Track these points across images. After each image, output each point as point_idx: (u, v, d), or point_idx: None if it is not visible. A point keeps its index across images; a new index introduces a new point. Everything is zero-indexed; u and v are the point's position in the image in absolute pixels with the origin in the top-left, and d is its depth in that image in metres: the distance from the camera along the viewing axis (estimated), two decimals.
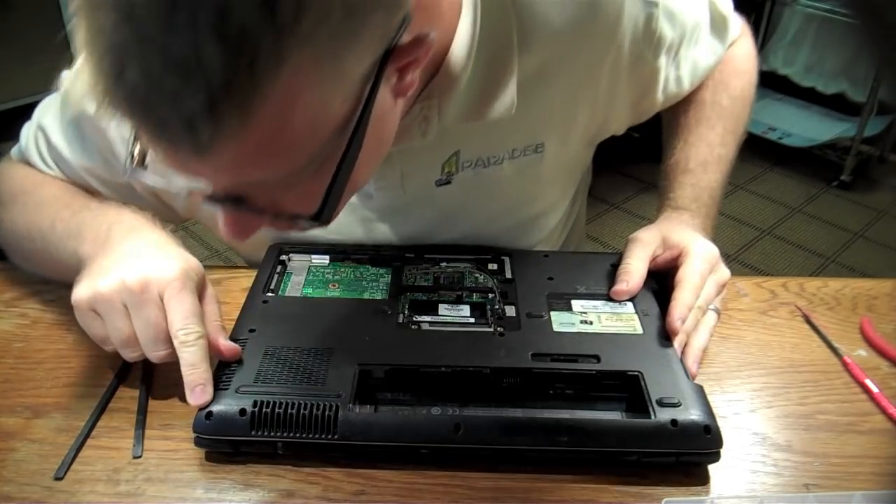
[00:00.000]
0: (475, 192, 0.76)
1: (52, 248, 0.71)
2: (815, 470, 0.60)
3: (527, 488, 0.58)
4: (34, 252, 0.75)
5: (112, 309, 0.60)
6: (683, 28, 0.79)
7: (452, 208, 0.77)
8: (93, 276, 0.62)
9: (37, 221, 0.73)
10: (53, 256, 0.71)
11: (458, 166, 0.74)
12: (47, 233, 0.71)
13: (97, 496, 0.56)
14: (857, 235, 2.45)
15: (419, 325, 0.67)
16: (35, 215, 0.74)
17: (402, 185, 0.74)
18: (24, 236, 0.75)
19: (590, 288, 0.72)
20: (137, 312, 0.60)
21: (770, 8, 2.91)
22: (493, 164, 0.74)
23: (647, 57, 0.76)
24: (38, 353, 0.70)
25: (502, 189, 0.77)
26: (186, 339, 0.59)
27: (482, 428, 0.57)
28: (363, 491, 0.57)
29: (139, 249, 0.64)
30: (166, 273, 0.61)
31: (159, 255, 0.63)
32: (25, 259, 0.78)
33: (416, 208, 0.76)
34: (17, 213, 0.76)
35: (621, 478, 0.58)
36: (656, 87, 0.81)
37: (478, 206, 0.77)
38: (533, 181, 0.78)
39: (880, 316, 0.78)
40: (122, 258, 0.63)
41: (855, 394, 0.68)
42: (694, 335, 0.69)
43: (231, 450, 0.58)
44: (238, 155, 0.46)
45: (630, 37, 0.73)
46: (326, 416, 0.57)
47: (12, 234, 0.77)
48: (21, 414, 0.63)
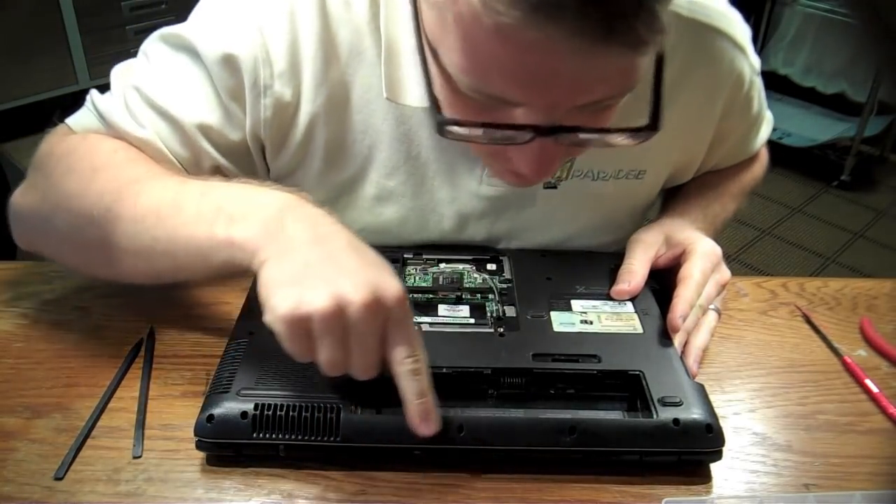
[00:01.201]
0: (575, 202, 0.77)
1: (162, 230, 0.59)
2: (815, 470, 0.60)
3: (527, 488, 0.58)
4: (99, 238, 0.62)
5: (330, 333, 0.52)
6: (760, 108, 0.84)
7: (550, 213, 0.78)
8: (296, 285, 0.52)
9: (130, 200, 0.61)
10: (168, 240, 0.59)
11: (569, 173, 0.75)
12: (162, 214, 0.60)
13: (97, 496, 0.56)
14: (857, 235, 2.45)
15: (419, 325, 0.67)
16: (128, 194, 0.62)
17: None
18: (86, 217, 0.63)
19: (590, 288, 0.72)
20: (360, 339, 0.52)
21: (770, 8, 2.91)
22: (599, 179, 0.76)
23: (733, 119, 0.80)
24: (38, 353, 0.70)
25: (600, 205, 0.78)
26: (416, 366, 0.53)
27: (484, 429, 0.57)
28: (363, 491, 0.57)
29: (338, 254, 0.54)
30: (390, 292, 0.52)
31: (367, 264, 0.54)
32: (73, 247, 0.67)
33: (517, 205, 0.77)
34: (78, 187, 0.64)
35: (621, 477, 0.58)
36: (718, 150, 0.84)
37: (573, 216, 0.79)
38: (626, 205, 0.81)
39: (880, 316, 0.78)
40: (323, 265, 0.53)
41: (855, 394, 0.68)
42: (694, 334, 0.69)
43: (233, 453, 0.58)
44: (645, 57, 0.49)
45: (733, 92, 0.77)
46: (328, 419, 0.57)
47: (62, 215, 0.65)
48: (21, 414, 0.63)
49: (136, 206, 0.61)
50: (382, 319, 0.52)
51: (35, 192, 0.68)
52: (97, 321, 0.73)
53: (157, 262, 0.61)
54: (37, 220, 0.69)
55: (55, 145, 0.69)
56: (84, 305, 0.75)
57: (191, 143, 0.69)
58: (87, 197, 0.63)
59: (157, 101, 0.68)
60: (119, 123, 0.68)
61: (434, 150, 0.72)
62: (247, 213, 0.56)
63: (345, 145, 0.72)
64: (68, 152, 0.68)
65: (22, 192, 0.70)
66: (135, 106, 0.68)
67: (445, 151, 0.72)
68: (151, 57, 0.70)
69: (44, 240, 0.69)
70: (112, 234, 0.61)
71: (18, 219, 0.71)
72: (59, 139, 0.70)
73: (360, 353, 0.53)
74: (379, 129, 0.71)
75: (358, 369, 0.54)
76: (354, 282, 0.52)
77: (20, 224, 0.71)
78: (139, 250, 0.61)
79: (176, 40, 0.69)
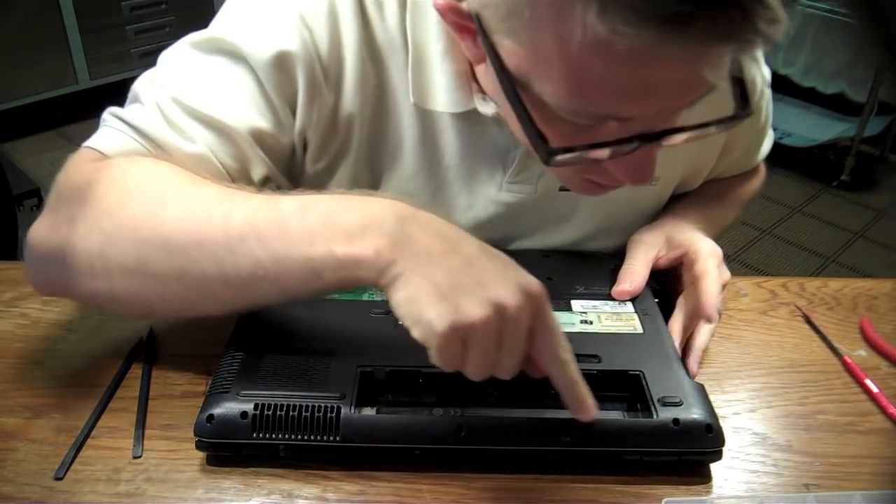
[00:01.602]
0: (587, 206, 0.77)
1: (267, 250, 0.54)
2: (815, 470, 0.60)
3: (527, 488, 0.58)
4: (179, 268, 0.56)
5: (487, 340, 0.51)
6: (767, 120, 0.84)
7: (564, 216, 0.78)
8: (448, 298, 0.50)
9: (217, 221, 0.55)
10: (275, 261, 0.54)
11: None
12: (263, 234, 0.54)
13: (97, 496, 0.56)
14: (857, 235, 2.45)
15: None
16: (213, 215, 0.55)
17: (537, 182, 0.73)
18: (160, 246, 0.56)
19: (590, 288, 0.72)
20: (513, 340, 0.52)
21: None
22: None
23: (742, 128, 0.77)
24: (38, 353, 0.70)
25: (611, 209, 0.78)
26: (566, 356, 0.54)
27: (484, 429, 0.57)
28: (363, 491, 0.57)
29: (476, 260, 0.53)
30: (534, 289, 0.52)
31: (505, 265, 0.53)
32: (137, 282, 0.58)
33: (533, 210, 0.76)
34: (146, 213, 0.57)
35: (621, 477, 0.58)
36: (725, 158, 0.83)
37: (585, 219, 0.78)
38: (636, 210, 0.81)
39: (880, 316, 0.78)
40: (466, 273, 0.52)
41: (855, 394, 0.68)
42: (695, 335, 0.69)
43: (233, 453, 0.58)
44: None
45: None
46: (328, 419, 0.57)
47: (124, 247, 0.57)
48: (21, 414, 0.63)
49: (227, 228, 0.54)
50: (532, 317, 0.52)
51: (72, 227, 0.59)
52: (97, 321, 0.73)
53: (256, 288, 0.55)
54: (78, 258, 0.58)
55: (92, 172, 0.60)
56: (84, 305, 0.75)
57: (242, 154, 0.65)
58: (160, 223, 0.56)
59: (202, 111, 0.63)
60: (166, 140, 0.62)
61: (456, 156, 0.72)
62: (364, 226, 0.52)
63: (374, 149, 0.72)
64: (118, 177, 0.60)
65: (47, 228, 0.60)
66: (177, 119, 0.63)
67: (468, 158, 0.72)
68: (183, 65, 0.66)
69: (86, 280, 0.59)
70: (198, 260, 0.55)
71: (45, 259, 0.61)
72: (93, 165, 0.61)
73: (510, 354, 0.52)
74: (405, 133, 0.71)
75: (506, 370, 0.53)
76: (503, 286, 0.51)
77: (46, 264, 0.61)
78: (234, 277, 0.55)
79: (212, 45, 0.65)
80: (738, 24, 0.44)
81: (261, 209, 0.55)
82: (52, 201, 0.62)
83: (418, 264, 0.51)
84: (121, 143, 0.63)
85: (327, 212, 0.54)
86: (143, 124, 0.63)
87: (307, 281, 0.54)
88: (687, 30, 0.44)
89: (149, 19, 2.90)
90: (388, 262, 0.51)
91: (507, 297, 0.51)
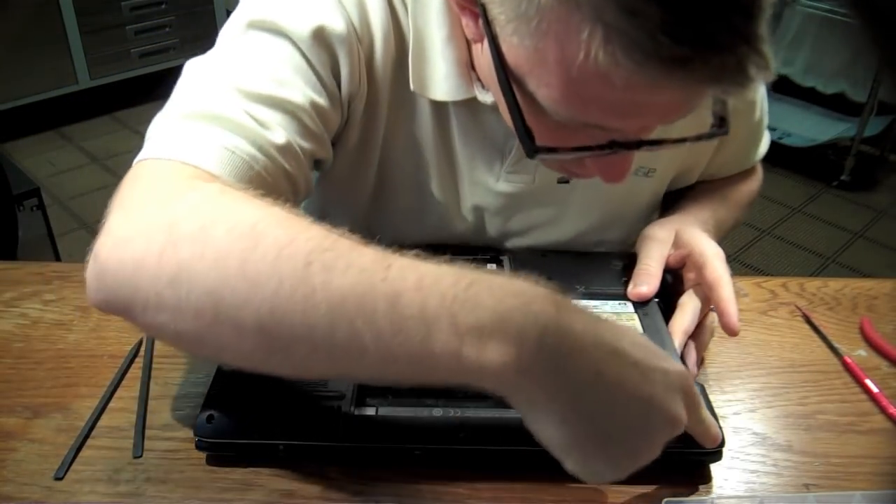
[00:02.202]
0: (587, 198, 0.78)
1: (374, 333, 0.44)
2: (815, 470, 0.60)
3: (527, 488, 0.58)
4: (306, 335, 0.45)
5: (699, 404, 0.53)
6: (762, 116, 0.83)
7: (563, 209, 0.79)
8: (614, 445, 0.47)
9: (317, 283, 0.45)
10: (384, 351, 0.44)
11: None
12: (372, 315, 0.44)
13: (97, 496, 0.56)
14: (857, 235, 2.45)
15: None
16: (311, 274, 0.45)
17: (534, 173, 0.75)
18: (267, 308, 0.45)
19: (590, 288, 0.72)
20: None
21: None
22: None
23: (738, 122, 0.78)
24: (38, 353, 0.70)
25: (610, 201, 0.79)
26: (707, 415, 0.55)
27: (484, 429, 0.57)
28: (363, 491, 0.57)
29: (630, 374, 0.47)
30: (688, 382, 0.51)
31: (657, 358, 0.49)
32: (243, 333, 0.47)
33: (532, 202, 0.77)
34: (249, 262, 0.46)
35: None
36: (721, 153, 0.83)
37: (585, 212, 0.79)
38: (634, 202, 0.81)
39: (880, 316, 0.78)
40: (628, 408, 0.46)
41: (855, 394, 0.68)
42: (696, 335, 0.69)
43: (233, 453, 0.58)
44: None
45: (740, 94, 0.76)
46: (328, 419, 0.57)
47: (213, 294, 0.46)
48: (21, 414, 0.63)
49: (329, 298, 0.44)
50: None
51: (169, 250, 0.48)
52: (97, 321, 0.73)
53: (354, 364, 0.46)
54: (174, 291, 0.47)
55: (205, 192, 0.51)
56: (84, 305, 0.75)
57: (309, 131, 0.62)
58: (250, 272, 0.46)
59: (267, 93, 0.59)
60: (257, 136, 0.57)
61: (460, 141, 0.73)
62: (500, 320, 0.44)
63: (393, 139, 0.72)
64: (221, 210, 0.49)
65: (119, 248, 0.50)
66: (252, 108, 0.58)
67: (467, 148, 0.73)
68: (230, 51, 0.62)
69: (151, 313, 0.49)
70: (290, 327, 0.45)
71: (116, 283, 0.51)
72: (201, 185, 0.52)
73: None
74: (421, 123, 0.71)
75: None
76: (663, 401, 0.47)
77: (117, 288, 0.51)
78: (329, 350, 0.46)
79: (252, 25, 0.62)
80: (731, 70, 0.46)
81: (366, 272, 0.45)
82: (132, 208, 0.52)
83: (566, 397, 0.45)
84: (221, 159, 0.55)
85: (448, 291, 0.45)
86: (231, 117, 0.57)
87: (425, 375, 0.45)
88: (683, 70, 0.45)
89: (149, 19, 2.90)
90: (523, 377, 0.44)
91: (671, 417, 0.48)
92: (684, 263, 0.73)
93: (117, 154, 2.70)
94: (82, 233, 2.34)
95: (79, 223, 2.39)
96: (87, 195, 2.51)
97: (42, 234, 1.79)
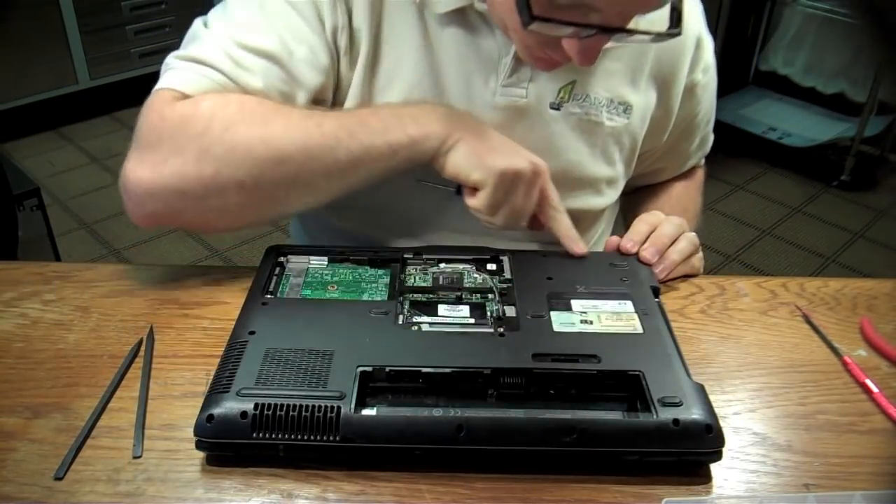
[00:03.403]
0: (575, 127, 0.83)
1: (356, 142, 0.70)
2: (815, 470, 0.60)
3: (527, 488, 0.58)
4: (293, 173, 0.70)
5: (524, 186, 0.72)
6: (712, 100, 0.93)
7: (556, 136, 0.83)
8: (499, 153, 0.72)
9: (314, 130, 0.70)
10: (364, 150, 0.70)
11: (570, 96, 0.81)
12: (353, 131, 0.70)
13: (97, 496, 0.56)
14: (857, 235, 2.45)
15: (419, 326, 0.67)
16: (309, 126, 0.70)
17: (527, 87, 0.80)
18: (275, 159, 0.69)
19: (590, 288, 0.72)
20: (535, 191, 0.74)
21: (770, 8, 2.91)
22: (595, 105, 0.82)
23: (697, 85, 0.89)
24: (38, 353, 0.70)
25: (595, 134, 0.84)
26: (562, 208, 0.76)
27: (484, 429, 0.57)
28: (363, 491, 0.57)
29: (503, 137, 0.74)
30: (542, 162, 0.74)
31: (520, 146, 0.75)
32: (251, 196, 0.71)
33: (527, 123, 0.81)
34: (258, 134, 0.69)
35: (621, 477, 0.58)
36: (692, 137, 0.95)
37: (574, 141, 0.84)
38: (615, 142, 0.86)
39: (880, 316, 0.78)
40: (507, 143, 0.74)
41: (855, 394, 0.68)
42: (672, 248, 0.78)
43: (232, 453, 0.58)
44: None
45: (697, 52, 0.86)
46: (328, 419, 0.57)
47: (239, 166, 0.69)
48: (21, 414, 0.63)
49: (324, 133, 0.70)
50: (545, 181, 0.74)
51: (181, 159, 0.69)
52: (97, 321, 0.73)
53: (351, 175, 0.72)
54: (192, 183, 0.69)
55: (184, 110, 0.70)
56: (84, 305, 0.75)
57: (291, 77, 0.74)
58: (269, 141, 0.69)
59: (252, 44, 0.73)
60: (234, 76, 0.72)
61: (453, 63, 0.78)
62: (425, 114, 0.72)
63: (379, 57, 0.78)
64: (215, 111, 0.70)
65: (150, 166, 0.70)
66: (236, 54, 0.72)
67: (463, 63, 0.78)
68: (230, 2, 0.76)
69: (200, 203, 0.70)
70: (304, 164, 0.70)
71: (149, 193, 0.70)
72: (182, 104, 0.70)
73: (532, 202, 0.74)
74: (407, 39, 0.77)
75: (528, 214, 0.75)
76: (529, 154, 0.74)
77: (152, 198, 0.70)
78: (334, 169, 0.71)
79: None
80: None
81: (342, 117, 0.73)
82: (143, 142, 0.71)
83: (470, 134, 0.72)
84: (197, 83, 0.72)
85: (392, 109, 0.73)
86: (211, 62, 0.72)
87: (387, 161, 0.71)
88: None
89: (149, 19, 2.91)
90: (448, 133, 0.71)
91: (535, 160, 0.73)
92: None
93: (117, 154, 2.68)
94: (82, 233, 2.34)
95: (79, 223, 2.39)
96: (87, 195, 2.51)
97: (42, 234, 1.79)
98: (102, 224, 2.37)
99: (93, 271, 0.81)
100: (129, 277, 0.80)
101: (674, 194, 0.99)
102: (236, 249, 2.25)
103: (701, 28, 0.87)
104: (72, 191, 2.53)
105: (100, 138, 2.82)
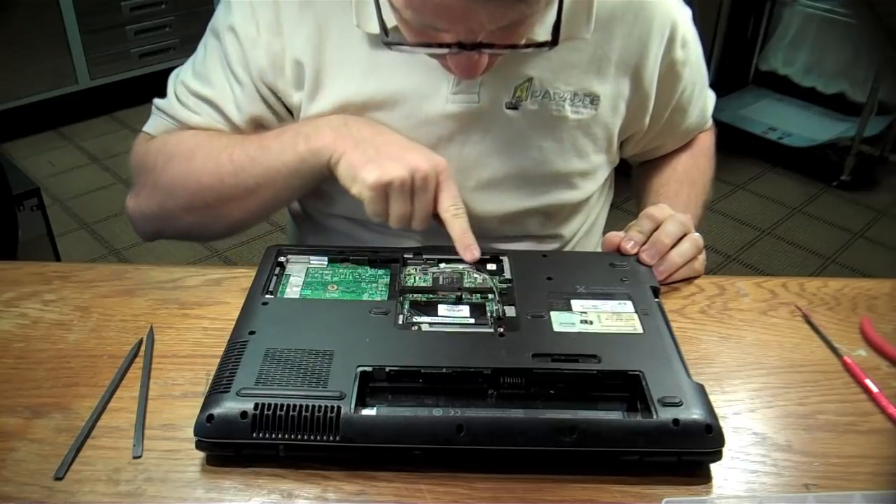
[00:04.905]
0: (538, 124, 0.82)
1: (259, 167, 0.78)
2: (815, 470, 0.60)
3: (527, 488, 0.58)
4: (215, 196, 0.80)
5: (403, 194, 0.72)
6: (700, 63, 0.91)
7: (516, 135, 0.82)
8: (376, 162, 0.72)
9: (225, 160, 0.79)
10: (265, 173, 0.78)
11: (528, 94, 0.81)
12: (254, 157, 0.78)
13: (97, 496, 0.56)
14: (857, 235, 2.45)
15: (419, 326, 0.67)
16: (222, 156, 0.79)
17: (478, 92, 0.79)
18: (198, 185, 0.80)
19: (590, 288, 0.72)
20: (423, 196, 0.73)
21: (770, 8, 2.91)
22: (556, 100, 0.81)
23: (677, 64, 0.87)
24: (38, 353, 0.70)
25: (561, 129, 0.83)
26: (458, 211, 0.74)
27: (484, 429, 0.57)
28: (364, 491, 0.57)
29: (397, 141, 0.76)
30: (440, 163, 0.74)
31: (418, 146, 0.76)
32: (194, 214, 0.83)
33: (483, 127, 0.81)
34: (184, 167, 0.81)
35: (621, 477, 0.58)
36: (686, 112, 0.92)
37: (539, 138, 0.83)
38: (585, 134, 0.85)
39: (880, 316, 0.78)
40: (390, 147, 0.74)
41: (855, 394, 0.68)
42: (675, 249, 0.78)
43: (232, 453, 0.58)
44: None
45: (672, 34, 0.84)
46: (328, 419, 0.57)
47: (178, 192, 0.82)
48: (21, 414, 0.63)
49: (232, 161, 0.79)
50: (436, 181, 0.73)
51: (146, 190, 0.85)
52: (97, 321, 0.73)
53: (262, 195, 0.79)
54: (156, 210, 0.85)
55: (148, 149, 0.86)
56: (84, 305, 0.75)
57: (226, 115, 0.83)
58: (193, 171, 0.80)
59: (196, 90, 0.84)
60: (182, 117, 0.85)
61: (403, 78, 0.79)
62: (317, 128, 0.76)
63: (321, 85, 0.80)
64: (161, 148, 0.84)
65: (134, 199, 0.87)
66: (185, 99, 0.85)
67: (412, 76, 0.79)
68: (198, 51, 0.86)
69: (167, 222, 0.86)
70: (222, 188, 0.79)
71: (141, 219, 0.87)
72: (147, 144, 0.86)
73: (421, 207, 0.73)
74: (352, 63, 0.79)
75: (419, 219, 0.74)
76: (417, 157, 0.73)
77: (143, 223, 0.87)
78: (245, 191, 0.79)
79: (210, 28, 0.84)
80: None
81: (250, 143, 0.79)
82: (133, 178, 0.87)
83: (355, 144, 0.74)
84: (159, 126, 0.87)
85: (292, 129, 0.78)
86: (167, 106, 0.86)
87: (291, 179, 0.77)
88: None
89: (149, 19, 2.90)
90: (335, 145, 0.74)
91: (420, 162, 0.72)
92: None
93: (117, 154, 2.70)
94: (82, 233, 2.34)
95: (79, 223, 2.39)
96: (87, 195, 2.51)
97: (42, 234, 1.79)
98: (102, 224, 2.37)
99: (93, 271, 0.81)
100: (129, 277, 0.80)
101: (679, 168, 0.97)
102: (236, 249, 2.25)
103: (675, 12, 0.85)
104: (72, 191, 2.53)
105: (100, 138, 2.82)
